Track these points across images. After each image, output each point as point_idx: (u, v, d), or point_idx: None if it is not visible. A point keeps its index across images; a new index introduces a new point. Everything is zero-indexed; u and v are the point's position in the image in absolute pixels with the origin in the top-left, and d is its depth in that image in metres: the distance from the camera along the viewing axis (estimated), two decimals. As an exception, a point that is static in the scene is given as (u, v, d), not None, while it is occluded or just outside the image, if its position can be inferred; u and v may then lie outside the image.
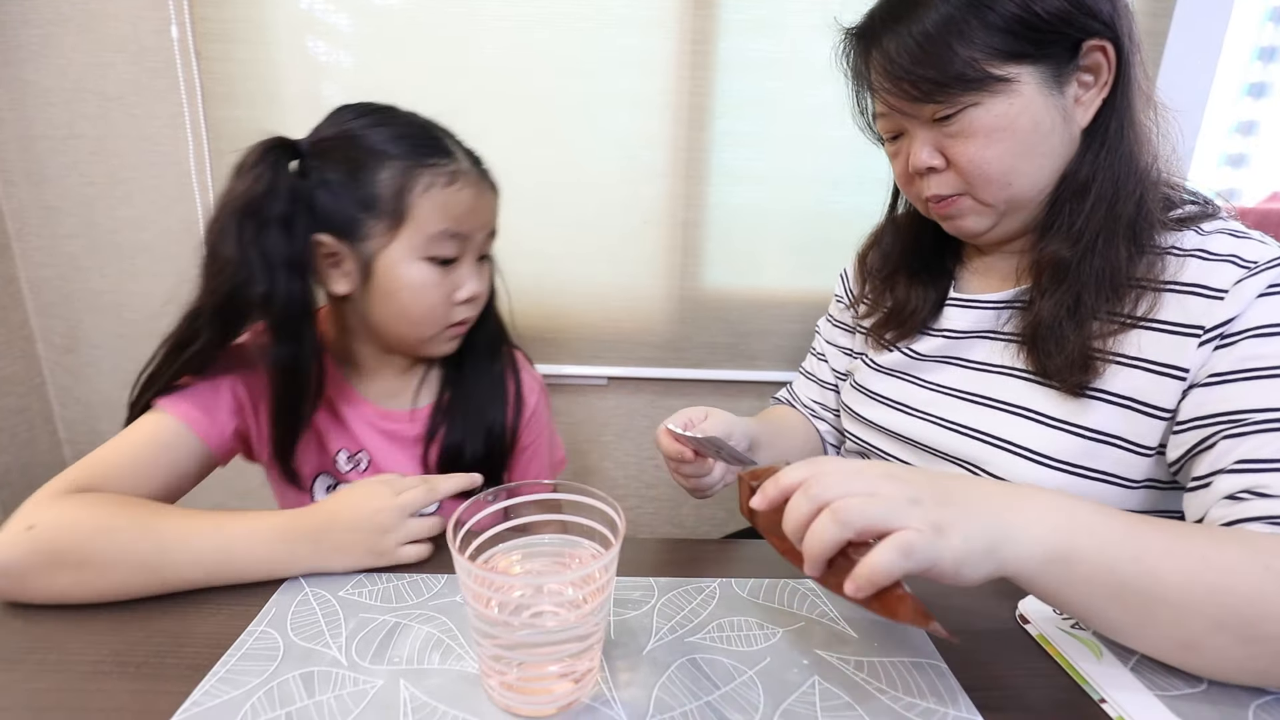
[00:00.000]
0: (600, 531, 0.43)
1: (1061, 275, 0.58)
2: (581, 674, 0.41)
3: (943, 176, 0.60)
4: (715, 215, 1.28)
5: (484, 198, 0.67)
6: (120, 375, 1.38)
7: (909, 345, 0.72)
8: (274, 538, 0.52)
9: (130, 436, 0.60)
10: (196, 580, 0.50)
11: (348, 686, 0.41)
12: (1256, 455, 0.47)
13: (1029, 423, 0.60)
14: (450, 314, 0.68)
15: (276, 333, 0.61)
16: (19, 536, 0.48)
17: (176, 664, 0.43)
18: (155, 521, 0.51)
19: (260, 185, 0.59)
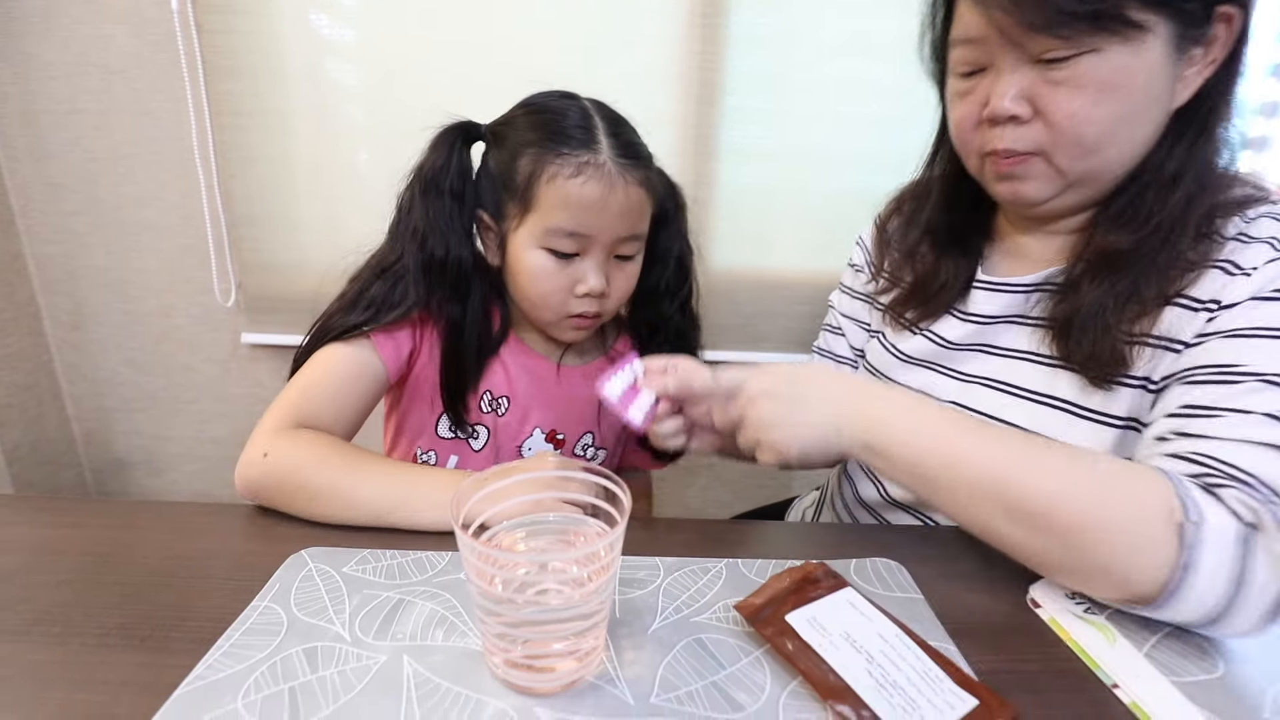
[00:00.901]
0: (606, 510, 0.42)
1: (1116, 264, 0.54)
2: (586, 652, 0.40)
3: (1023, 130, 0.53)
4: (724, 194, 1.26)
5: (617, 195, 0.63)
6: (126, 353, 1.39)
7: (934, 330, 0.68)
8: (450, 479, 0.57)
9: (331, 369, 0.66)
10: (382, 513, 0.55)
11: (351, 662, 0.41)
12: (1198, 402, 0.47)
13: (1061, 414, 0.57)
14: (568, 305, 0.68)
15: (447, 291, 0.67)
16: (258, 461, 0.57)
17: (181, 638, 0.43)
18: (357, 462, 0.58)
19: (439, 161, 0.67)
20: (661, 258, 0.75)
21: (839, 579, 0.48)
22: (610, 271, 0.68)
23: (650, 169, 0.67)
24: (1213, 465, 0.44)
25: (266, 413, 0.62)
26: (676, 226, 0.76)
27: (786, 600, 0.45)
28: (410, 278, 0.67)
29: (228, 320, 1.36)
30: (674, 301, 0.77)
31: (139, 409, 1.43)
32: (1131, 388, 0.54)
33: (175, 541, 0.54)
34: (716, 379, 0.54)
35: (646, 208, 0.68)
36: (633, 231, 0.67)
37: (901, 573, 0.52)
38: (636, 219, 0.67)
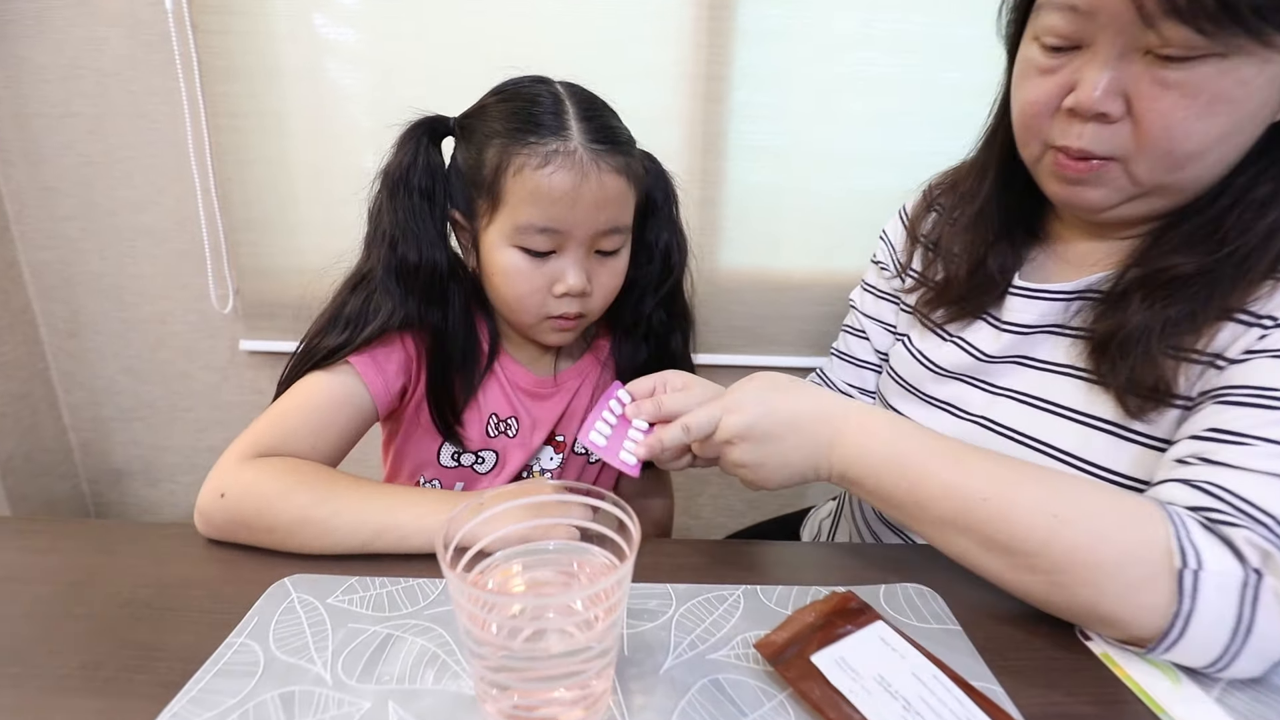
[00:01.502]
0: (612, 539, 0.38)
1: (1173, 287, 0.48)
2: (593, 700, 0.36)
3: (1107, 131, 0.47)
4: (733, 193, 1.22)
5: (590, 185, 0.58)
6: (122, 361, 1.36)
7: (966, 338, 0.62)
8: (439, 499, 0.54)
9: (308, 396, 0.61)
10: (366, 541, 0.51)
11: (330, 709, 0.37)
12: (1229, 426, 0.43)
13: (1106, 435, 0.52)
14: (547, 305, 0.63)
15: (425, 297, 0.63)
16: (215, 503, 0.53)
17: (146, 680, 0.39)
18: (330, 489, 0.53)
19: (405, 159, 0.62)
20: (646, 251, 0.70)
21: (870, 612, 0.44)
22: (592, 268, 0.63)
23: (630, 154, 0.62)
24: (1228, 500, 0.41)
25: (231, 445, 0.57)
26: (666, 217, 0.71)
27: (812, 638, 0.41)
28: (381, 287, 0.62)
29: (225, 327, 1.32)
30: (655, 297, 0.72)
31: (136, 418, 1.40)
32: (1175, 408, 0.49)
33: (151, 568, 0.50)
34: (687, 428, 0.50)
35: (628, 197, 0.62)
36: (613, 224, 0.61)
37: (936, 600, 0.48)
38: (616, 210, 0.61)
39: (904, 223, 0.73)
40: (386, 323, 0.62)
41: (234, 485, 0.53)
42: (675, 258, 0.72)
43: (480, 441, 0.70)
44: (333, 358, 0.62)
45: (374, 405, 0.64)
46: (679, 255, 0.73)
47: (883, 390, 0.71)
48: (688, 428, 0.50)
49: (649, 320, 0.73)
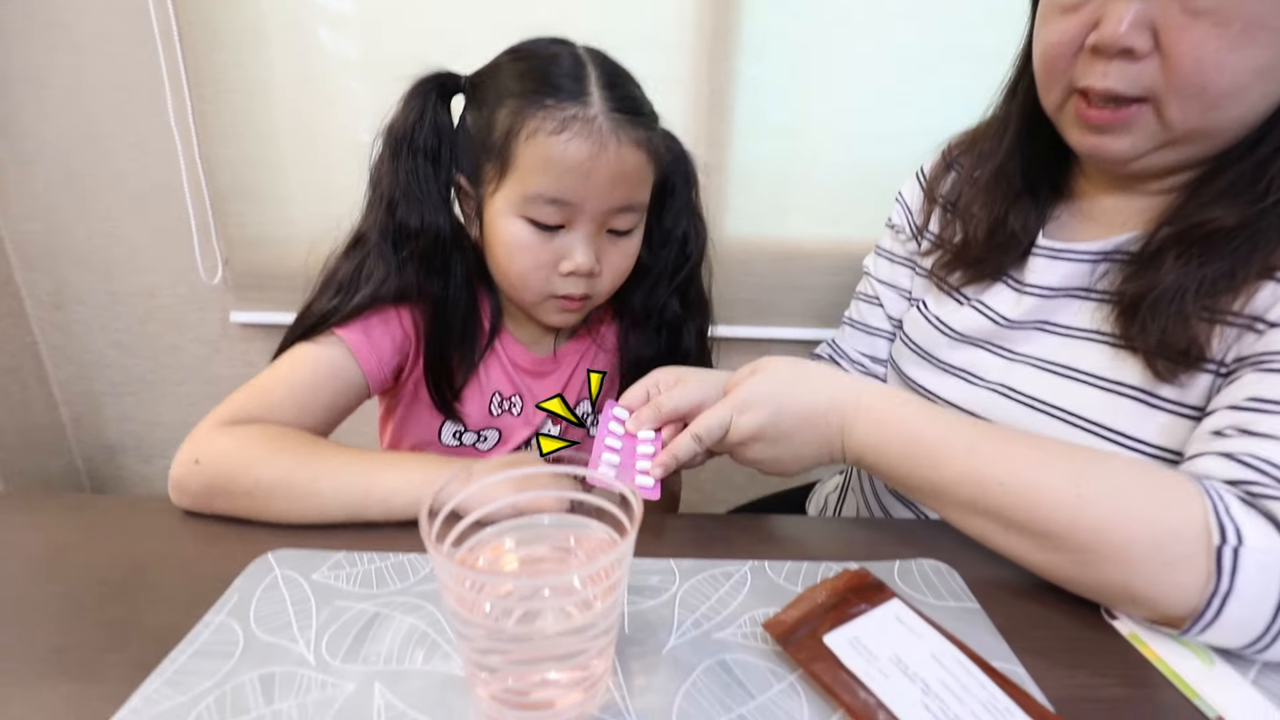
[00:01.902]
0: (611, 512, 0.36)
1: (1212, 243, 0.45)
2: (592, 681, 0.34)
3: (1134, 69, 0.43)
4: (739, 159, 1.18)
5: (608, 156, 0.54)
6: (111, 334, 1.33)
7: (986, 302, 0.59)
8: (425, 464, 0.51)
9: (293, 368, 0.58)
10: (350, 506, 0.49)
11: (313, 692, 0.35)
12: (1270, 395, 0.40)
13: (1132, 402, 0.49)
14: (552, 284, 0.59)
15: (425, 265, 0.60)
16: (189, 470, 0.50)
17: (119, 661, 0.37)
18: (312, 454, 0.51)
19: (411, 117, 0.58)
20: (662, 236, 0.66)
21: (885, 590, 0.42)
22: (602, 247, 0.59)
23: (652, 128, 0.58)
24: (1270, 472, 0.38)
25: (209, 414, 0.54)
26: (685, 202, 0.67)
27: (824, 618, 0.39)
28: (375, 251, 0.59)
29: (215, 299, 1.29)
30: (669, 286, 0.68)
31: (128, 392, 1.37)
32: (1208, 372, 0.46)
33: (130, 544, 0.48)
34: (699, 437, 0.48)
35: (646, 174, 0.58)
36: (628, 201, 0.57)
37: (954, 576, 0.45)
38: (633, 186, 0.57)
39: (921, 184, 0.69)
40: (378, 290, 0.58)
41: (209, 451, 0.50)
42: (693, 246, 0.68)
43: (482, 420, 0.68)
44: (322, 325, 0.58)
45: (365, 381, 0.61)
46: (697, 243, 0.69)
47: (896, 358, 0.69)
48: (699, 437, 0.48)
49: (661, 311, 0.69)
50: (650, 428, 0.51)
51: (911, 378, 0.64)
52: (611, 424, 0.52)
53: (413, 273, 0.59)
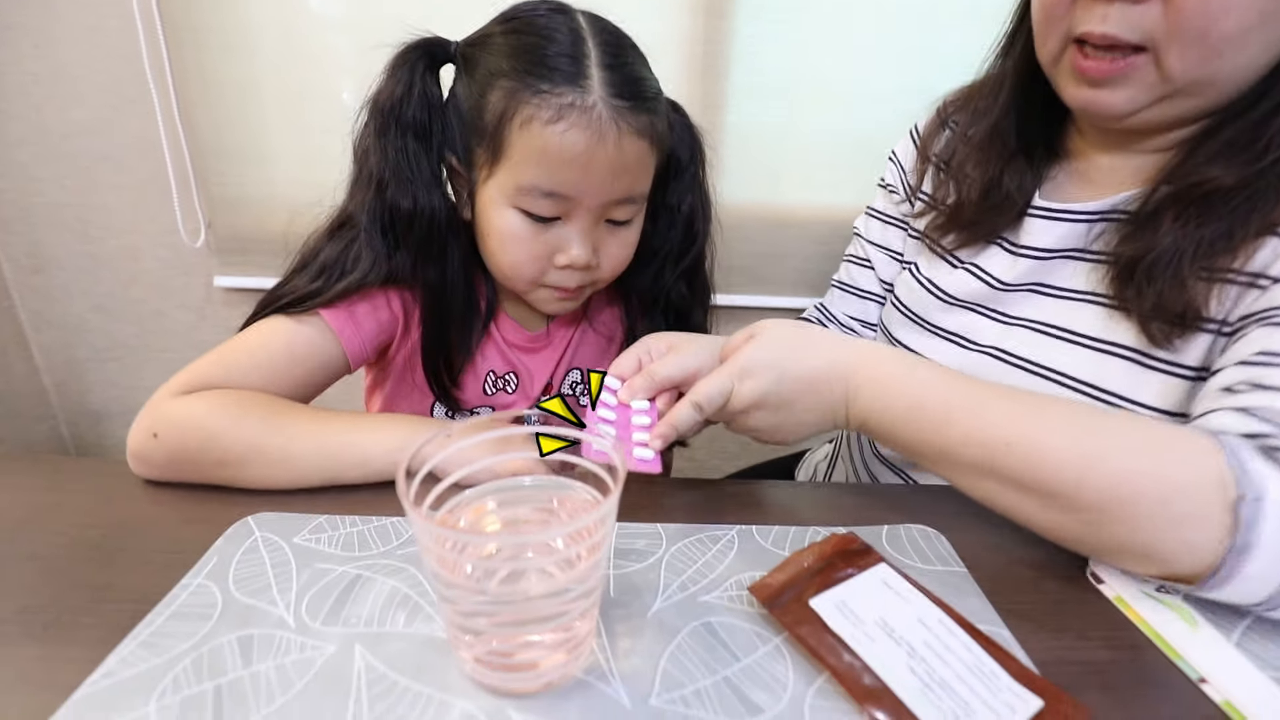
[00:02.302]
0: (594, 473, 0.35)
1: (1211, 203, 0.44)
2: (575, 643, 0.33)
3: (1135, 11, 0.42)
4: (731, 121, 1.15)
5: (607, 149, 0.50)
6: (93, 298, 1.30)
7: (980, 264, 0.58)
8: (401, 425, 0.50)
9: (265, 340, 0.55)
10: (323, 467, 0.48)
11: (293, 653, 0.34)
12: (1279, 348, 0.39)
13: (1125, 363, 0.49)
14: (546, 275, 0.57)
15: (418, 249, 0.56)
16: (148, 443, 0.48)
17: (93, 624, 0.36)
18: (282, 417, 0.49)
19: (398, 89, 0.54)
20: (667, 215, 0.63)
21: (872, 554, 0.41)
22: (600, 239, 0.56)
23: (655, 112, 0.54)
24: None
25: (165, 382, 0.51)
26: (691, 178, 0.63)
27: (810, 582, 0.38)
28: (365, 237, 0.55)
29: (199, 263, 1.26)
30: (676, 269, 0.65)
31: (111, 358, 1.35)
32: (1206, 332, 0.46)
33: (101, 507, 0.47)
34: (699, 405, 0.45)
35: (648, 162, 0.55)
36: (628, 193, 0.54)
37: (941, 541, 0.45)
38: (634, 178, 0.54)
39: (915, 142, 0.68)
40: (365, 278, 0.55)
41: (168, 421, 0.48)
42: (699, 225, 0.65)
43: (477, 399, 0.66)
44: (299, 306, 0.55)
45: (345, 360, 0.58)
46: (704, 222, 0.65)
47: (886, 322, 0.68)
48: (699, 405, 0.45)
49: (668, 294, 0.66)
50: (644, 397, 0.48)
51: (902, 342, 0.64)
52: (604, 395, 0.49)
53: (406, 260, 0.56)
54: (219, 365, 0.52)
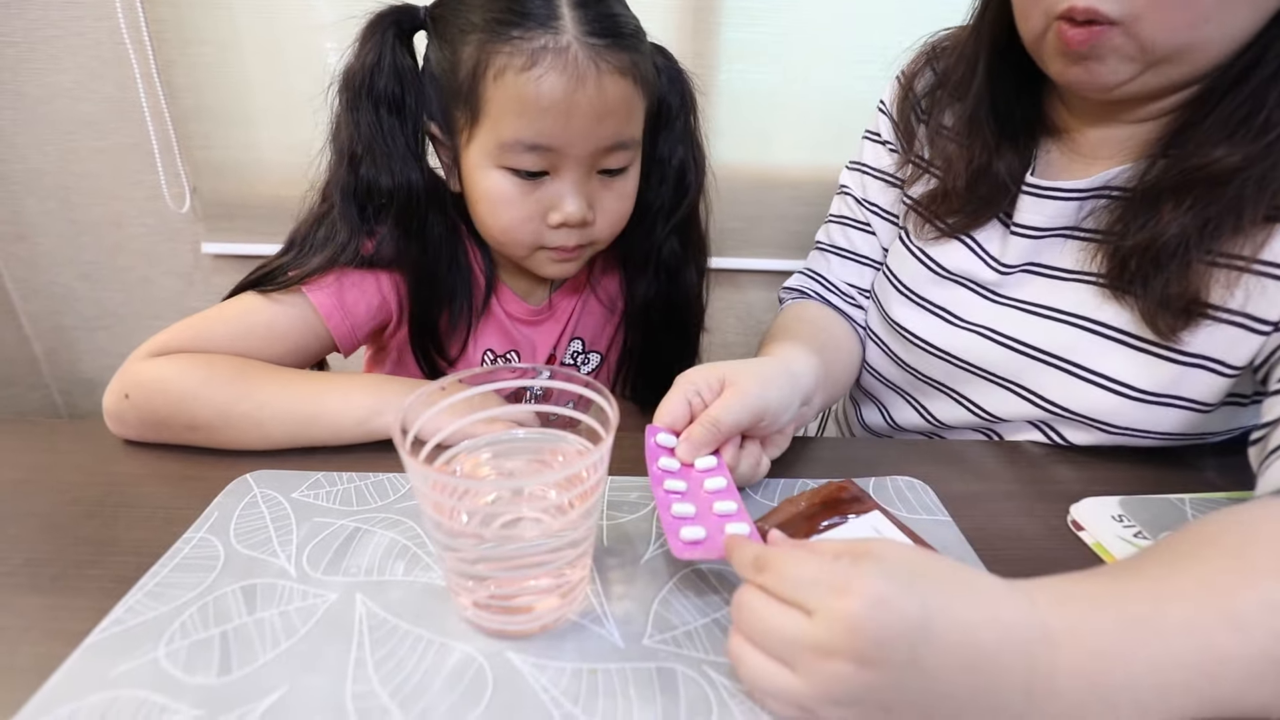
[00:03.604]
0: (589, 425, 0.35)
1: (1214, 186, 0.43)
2: (570, 587, 0.34)
3: None
4: (723, 81, 1.13)
5: (588, 91, 0.48)
6: (78, 266, 1.29)
7: (979, 239, 0.56)
8: (369, 384, 0.50)
9: (245, 314, 0.53)
10: (294, 431, 0.48)
11: (295, 601, 0.35)
12: None
13: (1113, 345, 0.49)
14: (542, 236, 0.54)
15: (400, 228, 0.55)
16: (120, 404, 0.48)
17: (99, 576, 0.37)
18: (250, 380, 0.49)
19: (369, 59, 0.52)
20: (658, 169, 0.60)
21: (867, 500, 0.42)
22: (594, 192, 0.54)
23: (637, 50, 0.51)
24: None
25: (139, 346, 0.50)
26: (682, 127, 0.60)
27: (802, 526, 0.39)
28: (338, 212, 0.54)
29: (185, 229, 1.25)
30: (667, 223, 0.63)
31: (100, 326, 1.34)
32: (1215, 320, 0.45)
33: (102, 466, 0.47)
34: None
35: (635, 104, 0.52)
36: (617, 138, 0.51)
37: (927, 492, 0.46)
38: (621, 120, 0.51)
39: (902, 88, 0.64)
40: (337, 256, 0.54)
41: (137, 384, 0.48)
42: (691, 177, 0.62)
43: None
44: (271, 283, 0.54)
45: (333, 340, 0.57)
46: (696, 174, 0.62)
47: (879, 293, 0.65)
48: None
49: (659, 251, 0.64)
50: (708, 452, 0.41)
51: (892, 315, 0.62)
52: (662, 460, 0.40)
53: (388, 238, 0.55)
54: (194, 330, 0.52)
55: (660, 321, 0.67)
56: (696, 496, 0.39)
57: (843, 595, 0.26)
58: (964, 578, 0.29)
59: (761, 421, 0.43)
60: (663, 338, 0.69)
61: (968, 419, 0.58)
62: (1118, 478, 0.50)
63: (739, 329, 1.35)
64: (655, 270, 0.65)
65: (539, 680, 0.31)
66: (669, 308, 0.67)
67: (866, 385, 0.69)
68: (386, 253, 0.55)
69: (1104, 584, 0.30)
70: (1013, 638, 0.27)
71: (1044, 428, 0.54)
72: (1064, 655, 0.27)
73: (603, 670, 0.32)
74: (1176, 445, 0.51)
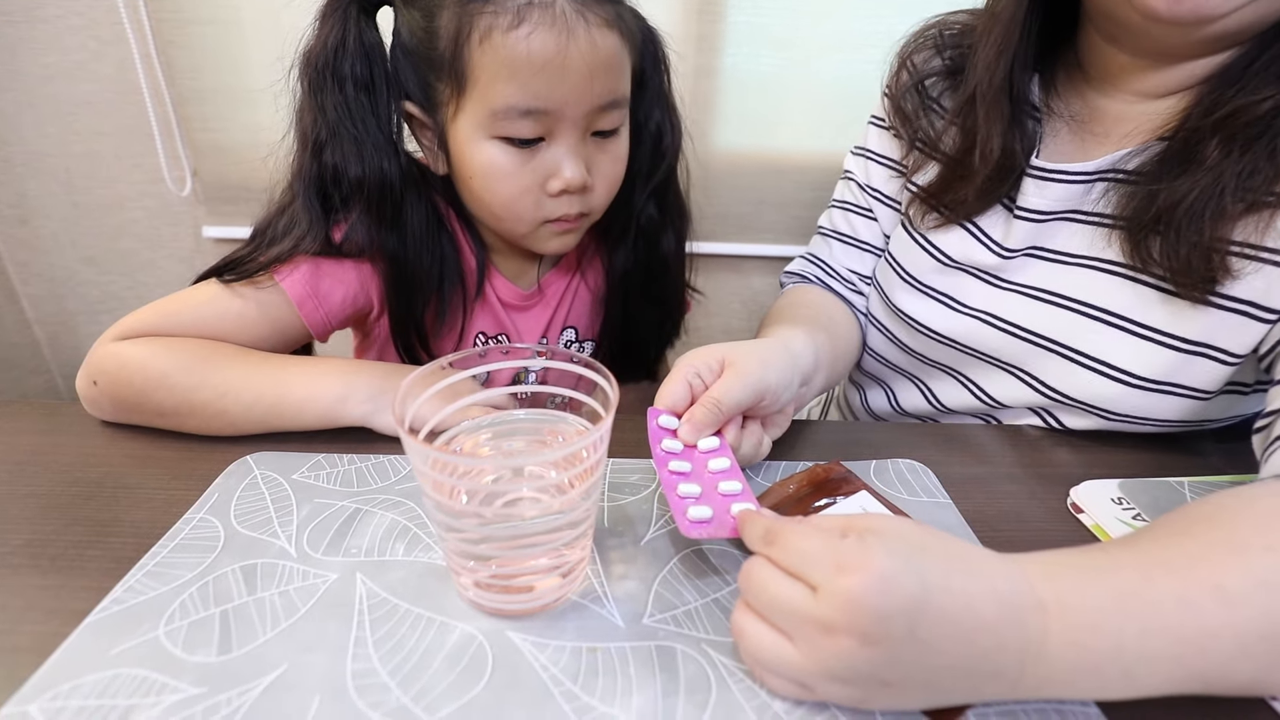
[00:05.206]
0: (589, 405, 0.35)
1: (1250, 135, 0.41)
2: (571, 566, 0.34)
3: None
4: (728, 65, 1.11)
5: (579, 46, 0.46)
6: (81, 250, 1.28)
7: (981, 225, 0.55)
8: (336, 370, 0.48)
9: (211, 300, 0.52)
10: (260, 417, 0.47)
11: (295, 581, 0.35)
12: None
13: (1115, 332, 0.48)
14: (543, 207, 0.53)
15: (372, 217, 0.53)
16: (90, 390, 0.48)
17: (99, 556, 0.37)
18: (213, 366, 0.48)
19: (331, 39, 0.50)
20: (635, 133, 0.58)
21: (854, 481, 0.42)
22: (590, 155, 0.52)
23: (620, 3, 0.50)
24: None
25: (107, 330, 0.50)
26: (657, 89, 0.59)
27: (794, 508, 0.39)
28: (302, 202, 0.52)
29: (187, 212, 1.24)
30: (645, 188, 0.61)
31: (104, 310, 1.34)
32: (1222, 309, 0.44)
33: (101, 448, 0.47)
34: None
35: (624, 59, 0.50)
36: (611, 96, 0.50)
37: (928, 475, 0.46)
38: (614, 77, 0.50)
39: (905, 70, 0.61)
40: (296, 246, 0.52)
41: (101, 369, 0.48)
42: (668, 140, 0.60)
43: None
44: (229, 272, 0.52)
45: (306, 330, 0.55)
46: (673, 137, 0.61)
47: (881, 280, 0.64)
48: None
49: (638, 219, 0.63)
50: (711, 433, 0.41)
51: (895, 303, 0.61)
52: (665, 442, 0.40)
53: (359, 226, 0.53)
54: (162, 313, 0.51)
55: (639, 290, 0.66)
56: (701, 477, 0.38)
57: (847, 572, 0.26)
58: (960, 551, 0.29)
59: (762, 401, 0.43)
60: (643, 307, 0.67)
61: (970, 403, 0.58)
62: (1117, 461, 0.50)
63: (743, 314, 1.34)
64: (635, 238, 0.64)
65: (539, 659, 0.31)
66: (648, 276, 0.65)
67: (869, 369, 0.69)
68: (358, 241, 0.53)
69: (1096, 557, 0.30)
70: (1008, 607, 0.27)
71: (1044, 414, 0.54)
72: (1054, 623, 0.27)
73: (602, 649, 0.32)
74: (1176, 432, 0.50)
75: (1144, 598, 0.28)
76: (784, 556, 0.29)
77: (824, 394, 0.85)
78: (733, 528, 0.35)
